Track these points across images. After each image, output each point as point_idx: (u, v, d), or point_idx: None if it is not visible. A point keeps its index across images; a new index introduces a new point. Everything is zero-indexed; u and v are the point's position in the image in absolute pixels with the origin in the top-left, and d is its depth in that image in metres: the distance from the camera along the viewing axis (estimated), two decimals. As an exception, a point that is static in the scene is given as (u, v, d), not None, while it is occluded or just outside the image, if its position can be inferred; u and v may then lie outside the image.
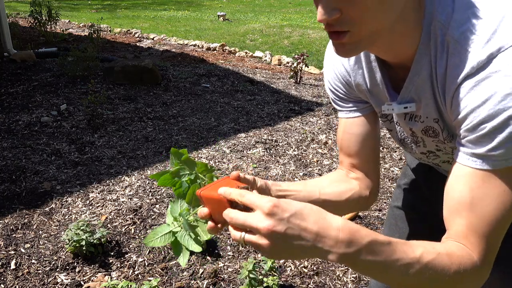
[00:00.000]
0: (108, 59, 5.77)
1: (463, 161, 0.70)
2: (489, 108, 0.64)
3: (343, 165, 1.01)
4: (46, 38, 7.51)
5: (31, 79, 5.00)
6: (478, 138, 0.67)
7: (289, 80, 5.54)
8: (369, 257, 0.63)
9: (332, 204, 0.93)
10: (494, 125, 0.64)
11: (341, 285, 2.03)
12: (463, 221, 0.69)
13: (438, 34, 0.70)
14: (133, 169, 3.05)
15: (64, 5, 14.11)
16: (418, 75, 0.76)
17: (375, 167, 0.99)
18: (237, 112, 4.27)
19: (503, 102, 0.63)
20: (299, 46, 7.94)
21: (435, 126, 0.81)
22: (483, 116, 0.65)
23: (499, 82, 0.63)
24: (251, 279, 1.84)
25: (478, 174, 0.68)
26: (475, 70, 0.66)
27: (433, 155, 0.92)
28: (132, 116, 4.04)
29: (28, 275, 2.02)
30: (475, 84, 0.66)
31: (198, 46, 7.80)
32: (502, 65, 0.63)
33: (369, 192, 0.98)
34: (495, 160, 0.66)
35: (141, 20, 11.04)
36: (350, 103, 0.96)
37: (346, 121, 0.98)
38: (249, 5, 15.20)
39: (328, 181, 0.98)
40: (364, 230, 0.64)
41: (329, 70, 0.96)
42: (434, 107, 0.78)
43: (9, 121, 3.80)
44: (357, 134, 0.96)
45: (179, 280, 2.02)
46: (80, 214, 2.51)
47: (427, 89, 0.76)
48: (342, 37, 0.68)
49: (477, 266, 0.69)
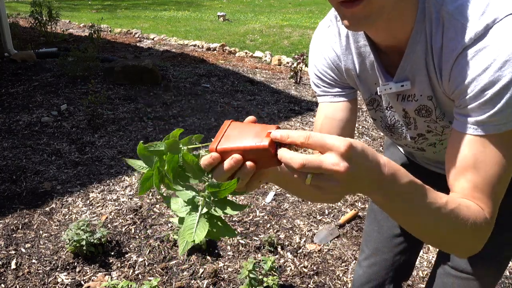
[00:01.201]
0: (108, 59, 5.77)
1: (464, 129, 0.73)
2: (489, 75, 0.68)
3: None
4: (46, 38, 7.52)
5: (31, 79, 5.00)
6: (480, 105, 0.70)
7: (289, 80, 5.54)
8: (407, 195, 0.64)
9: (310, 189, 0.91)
10: (495, 91, 0.68)
11: (341, 285, 2.03)
12: (468, 182, 0.73)
13: (432, 11, 0.74)
14: (133, 169, 3.06)
15: (65, 5, 14.11)
16: (414, 53, 0.79)
17: None
18: (237, 112, 4.27)
19: (503, 69, 0.66)
20: (299, 46, 7.94)
21: (429, 104, 0.84)
22: (484, 83, 0.68)
23: (497, 50, 0.67)
24: (251, 279, 1.85)
25: (479, 140, 0.72)
26: (473, 41, 0.69)
27: (422, 138, 0.95)
28: (132, 116, 4.05)
29: (28, 275, 2.02)
30: (475, 54, 0.69)
31: (198, 46, 7.80)
32: (498, 34, 0.67)
33: None
34: (495, 125, 0.70)
35: (141, 20, 11.05)
36: (336, 88, 0.98)
37: (329, 106, 0.99)
38: (249, 5, 15.20)
39: None
40: (403, 170, 0.65)
41: (317, 55, 0.98)
42: (428, 84, 0.81)
43: (10, 121, 3.81)
44: (339, 119, 0.97)
45: (179, 280, 2.03)
46: (80, 214, 2.52)
47: (421, 66, 0.79)
48: (356, 5, 0.68)
49: (488, 221, 0.72)
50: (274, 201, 2.71)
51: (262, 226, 2.45)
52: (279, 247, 2.27)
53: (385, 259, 1.29)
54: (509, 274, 2.12)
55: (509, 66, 0.66)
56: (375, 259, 1.31)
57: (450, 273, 1.10)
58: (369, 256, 1.33)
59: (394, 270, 1.30)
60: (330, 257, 2.21)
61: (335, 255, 2.22)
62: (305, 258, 2.20)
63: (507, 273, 2.12)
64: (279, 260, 2.18)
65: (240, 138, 0.62)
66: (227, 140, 0.63)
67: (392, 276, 1.31)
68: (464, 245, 0.75)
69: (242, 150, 0.61)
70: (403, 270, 1.33)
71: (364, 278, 1.34)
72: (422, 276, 2.11)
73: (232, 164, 0.62)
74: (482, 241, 0.74)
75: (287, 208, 2.63)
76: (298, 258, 2.20)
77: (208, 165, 0.64)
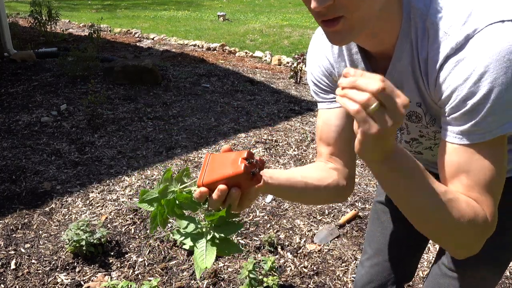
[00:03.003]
0: (108, 59, 5.77)
1: (451, 139, 0.75)
2: (469, 86, 0.69)
3: (322, 156, 1.05)
4: (46, 38, 7.51)
5: (31, 79, 5.00)
6: (463, 115, 0.72)
7: (289, 80, 5.54)
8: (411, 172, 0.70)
9: (313, 187, 0.97)
10: (475, 101, 0.69)
11: (341, 285, 2.03)
12: (462, 184, 0.75)
13: (418, 21, 0.75)
14: (133, 169, 3.05)
15: (64, 5, 14.11)
16: (400, 61, 0.80)
17: (352, 157, 1.04)
18: (237, 112, 4.27)
19: (482, 79, 0.68)
20: (299, 46, 7.94)
21: (418, 111, 0.85)
22: (465, 93, 0.70)
23: (476, 61, 0.68)
24: (251, 279, 1.84)
25: (466, 149, 0.74)
26: (454, 51, 0.71)
27: (416, 142, 0.97)
28: (132, 116, 4.04)
29: (28, 275, 2.02)
30: (456, 64, 0.71)
31: (198, 46, 7.80)
32: (477, 44, 0.69)
33: (346, 182, 1.03)
34: (479, 134, 0.72)
35: (141, 20, 11.04)
36: (332, 94, 1.00)
37: (326, 112, 1.02)
38: (249, 5, 15.19)
39: (310, 168, 1.03)
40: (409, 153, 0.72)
41: (313, 63, 1.00)
42: (416, 91, 0.82)
43: (9, 121, 3.80)
44: (337, 125, 1.00)
45: (179, 280, 2.02)
46: (80, 214, 2.51)
47: (409, 74, 0.81)
48: (335, 24, 0.71)
49: (487, 221, 0.74)
50: (274, 201, 2.70)
51: (262, 226, 2.45)
52: (279, 247, 2.27)
53: (387, 260, 1.29)
54: (510, 274, 2.11)
55: (488, 76, 0.67)
56: (378, 260, 1.31)
57: (447, 274, 1.09)
58: (371, 256, 1.33)
59: (397, 271, 1.30)
60: (330, 257, 2.21)
61: (335, 255, 2.22)
62: (305, 258, 2.20)
63: (507, 273, 2.12)
64: (279, 260, 2.17)
65: (221, 169, 0.70)
66: (210, 173, 0.72)
67: (394, 277, 1.31)
68: (462, 241, 0.76)
69: (225, 179, 0.70)
70: (406, 272, 1.33)
71: (366, 278, 1.34)
72: (422, 276, 2.11)
73: (219, 194, 0.72)
74: (480, 241, 0.76)
75: (287, 208, 2.63)
76: (298, 258, 2.19)
77: (199, 198, 0.74)
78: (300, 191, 0.94)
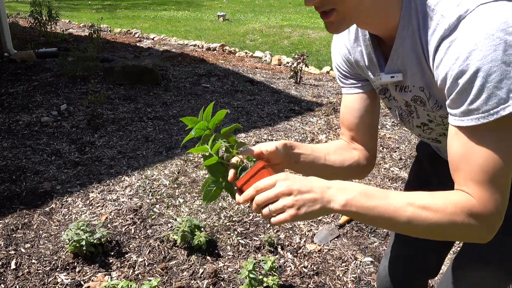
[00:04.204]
0: (108, 59, 5.77)
1: (451, 121, 0.77)
2: (459, 65, 0.71)
3: (344, 136, 1.11)
4: (46, 38, 7.51)
5: (31, 79, 5.00)
6: (457, 95, 0.73)
7: (289, 80, 5.54)
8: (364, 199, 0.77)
9: (334, 169, 1.04)
10: (465, 79, 0.70)
11: (341, 285, 2.03)
12: (461, 173, 0.76)
13: (418, 7, 0.78)
14: (133, 169, 3.06)
15: (64, 5, 14.11)
16: (402, 47, 0.83)
17: (373, 140, 1.09)
18: (237, 112, 4.27)
19: (470, 58, 0.69)
20: (299, 46, 7.94)
21: (421, 95, 0.87)
22: (455, 72, 0.72)
23: (466, 40, 0.70)
24: (251, 279, 1.84)
25: (465, 131, 0.74)
26: (448, 32, 0.73)
27: (427, 128, 0.98)
28: (132, 116, 4.04)
29: (28, 275, 2.02)
30: (449, 45, 0.73)
31: (198, 46, 7.80)
32: (467, 24, 0.71)
33: (366, 162, 1.09)
34: (477, 115, 0.71)
35: (141, 20, 11.04)
36: (351, 80, 1.05)
37: (347, 97, 1.08)
38: (249, 5, 15.19)
39: (334, 148, 1.08)
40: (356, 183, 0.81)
41: (334, 50, 1.07)
42: (419, 76, 0.84)
43: (9, 121, 3.80)
44: (357, 109, 1.05)
45: (179, 280, 2.02)
46: (80, 214, 2.51)
47: (412, 59, 0.83)
48: (329, 15, 0.79)
49: (477, 210, 0.74)
50: (274, 201, 2.70)
51: (262, 226, 2.45)
52: (279, 247, 2.27)
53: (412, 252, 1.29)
54: None
55: (477, 54, 0.68)
56: (403, 252, 1.31)
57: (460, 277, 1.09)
58: (396, 248, 1.33)
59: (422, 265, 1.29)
60: (330, 257, 2.21)
61: (335, 255, 2.22)
62: (305, 258, 2.20)
63: None
64: (279, 260, 2.18)
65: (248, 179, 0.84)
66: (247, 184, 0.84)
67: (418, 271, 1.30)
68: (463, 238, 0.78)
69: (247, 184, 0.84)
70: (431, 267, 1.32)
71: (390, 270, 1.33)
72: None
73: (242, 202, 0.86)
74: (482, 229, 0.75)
75: (287, 208, 2.63)
76: (298, 258, 2.19)
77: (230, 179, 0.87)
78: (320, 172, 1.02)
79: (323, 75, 6.06)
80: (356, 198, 0.77)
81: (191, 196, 2.74)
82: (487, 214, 0.74)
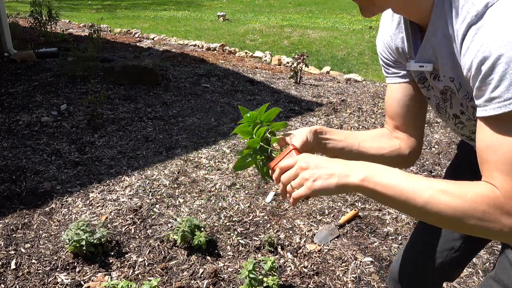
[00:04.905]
0: (108, 59, 5.77)
1: (477, 113, 0.76)
2: (483, 51, 0.71)
3: (388, 124, 1.11)
4: (46, 38, 7.51)
5: (31, 79, 5.00)
6: (480, 83, 0.73)
7: (289, 80, 5.54)
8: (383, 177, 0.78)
9: (370, 157, 1.04)
10: (488, 65, 0.70)
11: (341, 285, 2.03)
12: (487, 164, 0.75)
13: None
14: (133, 169, 3.06)
15: (64, 5, 14.11)
16: (434, 36, 0.83)
17: (416, 130, 1.08)
18: (237, 112, 4.27)
19: (493, 44, 0.69)
20: (299, 46, 7.94)
21: (451, 86, 0.87)
22: (480, 59, 0.71)
23: (492, 27, 0.70)
24: (251, 279, 1.84)
25: (489, 121, 0.74)
26: (476, 19, 0.74)
27: (459, 122, 0.97)
28: (132, 116, 4.05)
29: (28, 275, 2.02)
30: (476, 32, 0.73)
31: (198, 46, 7.80)
32: (494, 12, 0.71)
33: (409, 152, 1.08)
34: (499, 102, 0.70)
35: (141, 20, 11.04)
36: (393, 69, 1.06)
37: (390, 86, 1.09)
38: (249, 5, 15.19)
39: (372, 136, 1.09)
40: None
41: (379, 39, 1.08)
42: (450, 66, 0.84)
43: (9, 121, 3.80)
44: (398, 99, 1.06)
45: (179, 280, 2.02)
46: (80, 214, 2.51)
47: (444, 48, 0.83)
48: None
49: (500, 202, 0.71)
50: (274, 201, 2.71)
51: (262, 226, 2.45)
52: (279, 247, 2.27)
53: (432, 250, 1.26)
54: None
55: (500, 40, 0.68)
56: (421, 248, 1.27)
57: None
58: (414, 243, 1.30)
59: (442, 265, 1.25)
60: (330, 257, 2.21)
61: (335, 255, 2.22)
62: (305, 258, 2.20)
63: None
64: (279, 260, 2.18)
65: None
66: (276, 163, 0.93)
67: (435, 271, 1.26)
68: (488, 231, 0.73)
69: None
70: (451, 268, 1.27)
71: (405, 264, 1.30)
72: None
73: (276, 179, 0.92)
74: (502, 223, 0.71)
75: (287, 208, 2.63)
76: (298, 258, 2.19)
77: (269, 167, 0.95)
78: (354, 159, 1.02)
79: (323, 75, 6.06)
80: (375, 175, 0.78)
81: (191, 196, 2.74)
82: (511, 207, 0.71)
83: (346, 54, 7.39)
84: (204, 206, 2.63)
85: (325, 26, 10.36)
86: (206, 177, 2.98)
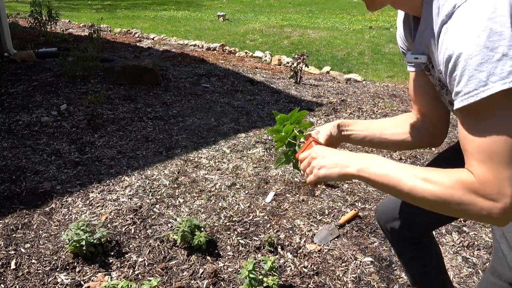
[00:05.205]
0: (108, 59, 5.77)
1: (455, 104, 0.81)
2: (448, 48, 0.77)
3: (413, 109, 1.21)
4: (46, 38, 7.51)
5: (31, 79, 5.00)
6: (449, 78, 0.79)
7: (289, 80, 5.54)
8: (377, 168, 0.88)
9: (392, 143, 1.16)
10: (452, 62, 0.76)
11: (341, 285, 2.03)
12: (466, 152, 0.81)
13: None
14: (133, 169, 3.05)
15: (64, 5, 14.12)
16: (427, 29, 0.89)
17: (438, 111, 1.15)
18: (237, 112, 4.27)
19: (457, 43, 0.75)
20: (299, 46, 7.94)
21: (440, 77, 0.94)
22: (446, 56, 0.78)
23: (457, 27, 0.76)
24: (251, 279, 1.84)
25: (459, 113, 0.81)
26: (446, 19, 0.80)
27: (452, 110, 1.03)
28: (132, 116, 4.04)
29: (28, 275, 2.02)
30: (445, 31, 0.80)
31: (198, 46, 7.80)
32: (461, 13, 0.76)
33: (435, 133, 1.17)
34: (461, 97, 0.77)
35: (141, 20, 11.04)
36: None
37: (410, 74, 1.17)
38: (249, 5, 15.19)
39: (394, 123, 1.18)
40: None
41: (397, 31, 1.17)
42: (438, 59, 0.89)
43: (9, 121, 3.80)
44: (418, 85, 1.14)
45: (179, 280, 2.02)
46: (80, 214, 2.51)
47: (432, 43, 0.89)
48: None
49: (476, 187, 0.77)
50: (274, 201, 2.70)
51: (262, 226, 2.45)
52: (279, 247, 2.27)
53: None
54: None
55: (462, 40, 0.74)
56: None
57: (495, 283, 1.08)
58: None
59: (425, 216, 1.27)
60: (330, 257, 2.21)
61: (335, 255, 2.22)
62: (305, 258, 2.20)
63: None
64: (279, 260, 2.17)
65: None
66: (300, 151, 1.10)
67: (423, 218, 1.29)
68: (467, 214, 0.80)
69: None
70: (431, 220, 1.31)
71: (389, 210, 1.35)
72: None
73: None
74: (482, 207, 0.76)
75: (287, 208, 2.63)
76: (298, 258, 2.19)
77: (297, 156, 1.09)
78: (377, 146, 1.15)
79: (323, 75, 6.06)
80: (370, 166, 0.89)
81: (191, 196, 2.74)
82: (489, 193, 0.75)
83: (346, 54, 7.39)
84: (204, 206, 2.63)
85: (325, 26, 10.36)
86: (206, 177, 2.98)
